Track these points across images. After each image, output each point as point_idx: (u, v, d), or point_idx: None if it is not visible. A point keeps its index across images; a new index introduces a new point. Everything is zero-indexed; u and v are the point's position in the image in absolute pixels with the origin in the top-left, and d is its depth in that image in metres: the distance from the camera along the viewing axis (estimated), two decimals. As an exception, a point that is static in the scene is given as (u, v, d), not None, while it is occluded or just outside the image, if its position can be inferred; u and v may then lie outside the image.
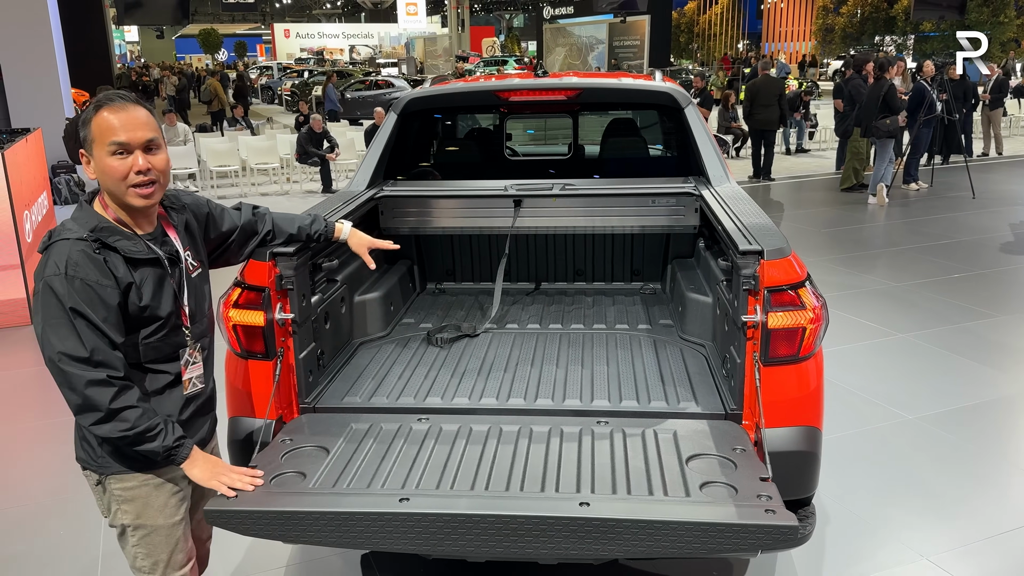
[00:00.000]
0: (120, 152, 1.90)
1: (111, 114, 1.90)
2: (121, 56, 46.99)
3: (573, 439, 2.40)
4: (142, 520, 2.07)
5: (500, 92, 3.68)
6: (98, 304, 1.87)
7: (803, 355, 2.41)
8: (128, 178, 1.92)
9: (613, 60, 31.56)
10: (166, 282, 2.02)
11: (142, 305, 1.96)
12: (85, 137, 1.94)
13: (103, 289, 1.87)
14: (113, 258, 1.92)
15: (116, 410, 1.88)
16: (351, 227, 2.65)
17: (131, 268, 1.94)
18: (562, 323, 3.43)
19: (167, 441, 1.96)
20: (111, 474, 2.04)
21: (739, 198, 3.11)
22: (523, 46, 54.30)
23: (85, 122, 1.93)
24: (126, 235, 1.96)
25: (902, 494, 3.64)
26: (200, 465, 2.06)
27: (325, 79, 21.88)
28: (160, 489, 2.07)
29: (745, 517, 1.93)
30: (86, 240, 1.89)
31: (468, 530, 1.98)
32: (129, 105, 1.93)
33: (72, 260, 1.86)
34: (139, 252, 1.97)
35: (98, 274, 1.87)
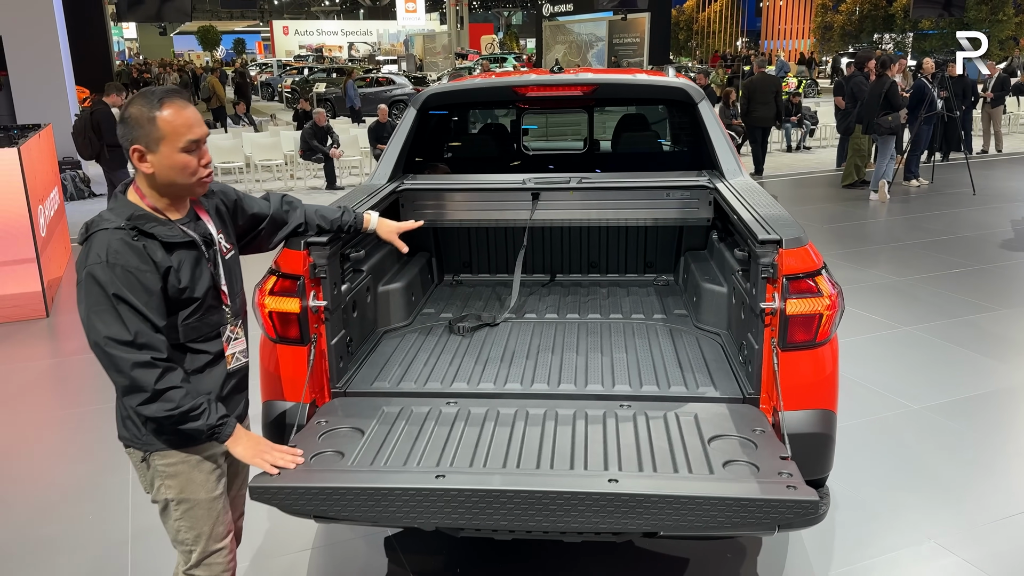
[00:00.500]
0: (193, 149, 2.01)
1: (182, 112, 1.98)
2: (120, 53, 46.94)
3: (597, 421, 2.49)
4: (185, 495, 2.15)
5: (518, 87, 3.76)
6: (139, 289, 1.93)
7: (820, 340, 2.50)
8: (197, 172, 2.04)
9: (613, 58, 31.64)
10: (202, 263, 2.10)
11: (181, 287, 2.03)
12: (148, 133, 1.97)
13: (143, 275, 1.94)
14: (151, 244, 1.99)
15: (161, 391, 1.95)
16: (378, 216, 2.72)
17: (168, 252, 2.01)
18: (579, 313, 3.52)
19: (210, 420, 2.04)
20: (155, 451, 2.12)
21: (754, 191, 3.20)
22: (522, 43, 54.35)
23: (148, 119, 1.96)
24: (161, 221, 2.04)
25: (908, 480, 3.74)
26: (243, 443, 2.14)
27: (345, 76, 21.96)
28: (201, 465, 2.15)
29: (768, 492, 2.02)
30: (124, 229, 1.96)
31: (502, 505, 2.07)
32: (188, 103, 2.02)
33: (112, 248, 1.93)
34: (175, 236, 2.04)
35: (138, 260, 1.94)
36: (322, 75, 28.35)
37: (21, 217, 6.04)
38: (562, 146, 5.56)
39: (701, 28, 50.94)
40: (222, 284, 2.17)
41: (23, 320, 6.17)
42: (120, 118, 2.01)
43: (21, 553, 3.34)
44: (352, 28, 57.24)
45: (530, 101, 4.08)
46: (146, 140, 1.97)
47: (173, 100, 1.98)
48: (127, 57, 50.22)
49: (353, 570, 3.22)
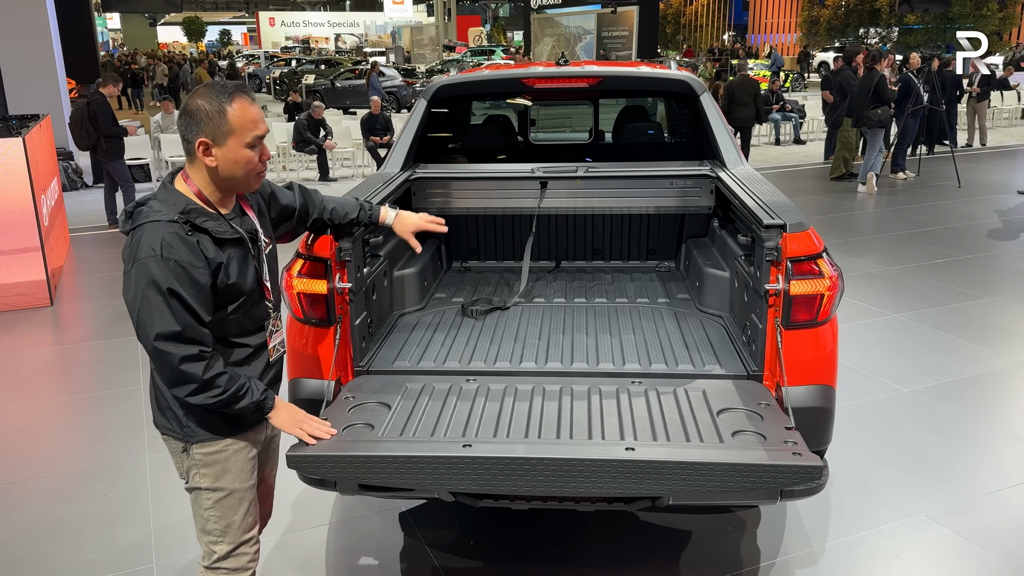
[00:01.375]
0: (257, 144, 2.03)
1: (249, 108, 2.00)
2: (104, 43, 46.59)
3: (611, 396, 2.62)
4: (220, 483, 2.18)
5: (525, 80, 3.88)
6: (190, 284, 1.94)
7: (821, 320, 2.65)
8: (257, 167, 2.06)
9: (601, 51, 31.76)
10: (248, 259, 2.11)
11: (230, 283, 2.05)
12: (218, 127, 1.97)
13: (195, 270, 1.95)
14: (203, 239, 1.99)
15: (209, 380, 1.99)
16: (397, 213, 2.71)
17: (219, 248, 2.02)
18: (586, 297, 3.65)
19: (256, 396, 2.10)
20: (196, 441, 2.15)
21: (755, 179, 3.33)
22: (509, 36, 54.33)
23: (217, 113, 1.96)
24: (212, 216, 2.04)
25: (900, 458, 3.90)
26: (283, 413, 2.21)
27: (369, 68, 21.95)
28: (239, 454, 2.19)
29: (776, 459, 2.16)
30: (177, 222, 1.96)
31: (527, 472, 2.20)
32: (253, 99, 2.03)
33: (166, 242, 1.93)
34: (226, 232, 2.05)
35: (191, 256, 1.95)
36: (310, 67, 28.30)
37: (26, 206, 6.11)
38: (568, 137, 5.69)
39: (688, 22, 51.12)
40: (265, 279, 2.20)
41: (28, 308, 6.24)
42: (184, 110, 2.00)
43: (45, 531, 3.44)
44: (339, 20, 56.98)
45: (537, 93, 4.20)
46: (214, 133, 1.97)
47: (242, 95, 1.99)
48: (111, 48, 49.79)
49: (370, 544, 3.34)
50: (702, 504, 3.19)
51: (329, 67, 27.46)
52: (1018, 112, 18.34)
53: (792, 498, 2.71)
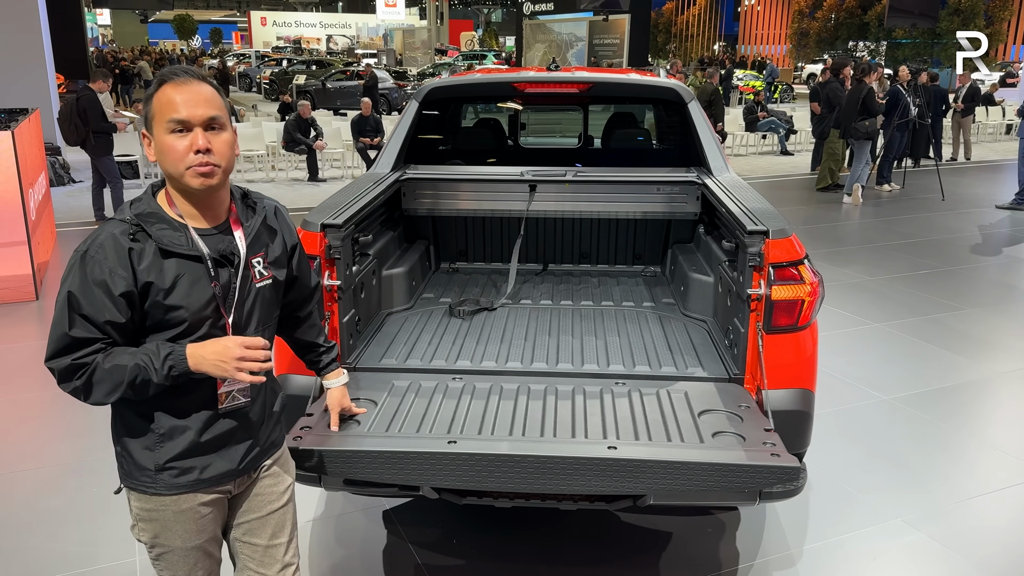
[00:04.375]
0: (179, 130, 1.74)
1: (173, 90, 1.74)
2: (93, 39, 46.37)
3: (595, 396, 2.67)
4: (159, 540, 1.92)
5: (517, 84, 3.93)
6: (98, 293, 1.72)
7: (801, 325, 2.70)
8: (187, 158, 1.75)
9: (593, 58, 31.91)
10: (205, 284, 1.80)
11: (167, 304, 1.76)
12: (147, 115, 1.79)
13: (114, 278, 1.72)
14: (147, 247, 1.76)
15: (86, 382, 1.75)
16: (343, 384, 2.39)
17: (163, 263, 1.76)
18: (572, 300, 3.69)
19: (160, 373, 1.73)
20: (131, 488, 1.91)
21: (740, 186, 3.39)
22: (501, 41, 54.48)
23: (148, 99, 1.78)
24: (173, 225, 1.79)
25: (878, 465, 3.96)
26: (209, 360, 1.76)
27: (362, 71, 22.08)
28: (180, 516, 1.89)
29: (754, 459, 2.21)
30: (127, 223, 1.76)
31: (510, 468, 2.23)
32: (193, 80, 1.77)
33: (99, 241, 1.75)
34: (177, 246, 1.77)
35: (115, 261, 1.72)
36: (301, 67, 28.28)
37: (14, 200, 6.09)
38: (558, 142, 5.74)
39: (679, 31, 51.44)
40: (228, 313, 1.84)
41: (13, 302, 6.22)
42: None
43: (30, 524, 3.44)
44: (331, 21, 56.99)
45: (528, 97, 4.24)
46: (148, 122, 1.79)
47: (177, 77, 1.77)
48: (101, 44, 49.55)
49: (353, 541, 3.36)
50: (682, 505, 3.24)
51: (320, 68, 27.44)
52: (1002, 127, 18.57)
53: (771, 499, 2.75)
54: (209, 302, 1.80)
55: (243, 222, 1.91)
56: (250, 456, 1.96)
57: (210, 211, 1.85)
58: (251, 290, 1.89)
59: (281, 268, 1.99)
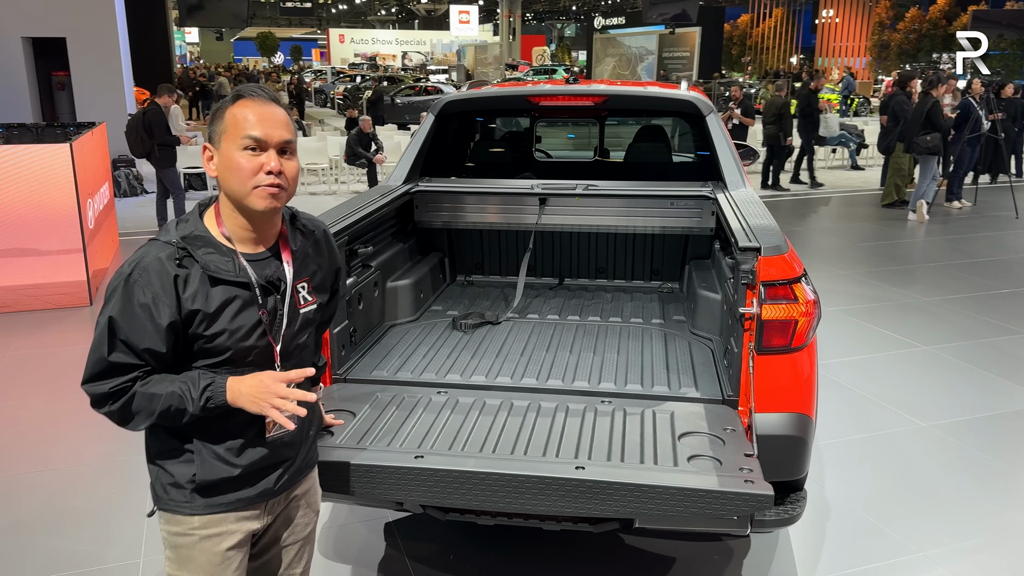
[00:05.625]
0: (253, 148, 1.71)
1: (250, 106, 1.72)
2: (181, 57, 48.43)
3: (577, 415, 2.61)
4: (182, 572, 1.86)
5: (531, 97, 3.91)
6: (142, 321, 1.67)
7: (795, 346, 2.58)
8: (256, 177, 1.70)
9: (662, 71, 31.66)
10: (253, 311, 1.75)
11: (211, 332, 1.71)
12: (216, 130, 1.74)
13: (158, 305, 1.66)
14: (193, 272, 1.70)
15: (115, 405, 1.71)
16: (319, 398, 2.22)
17: (210, 289, 1.71)
18: (580, 315, 3.63)
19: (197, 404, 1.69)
20: (163, 510, 1.85)
21: (751, 202, 3.28)
22: (573, 55, 54.60)
23: (219, 114, 1.74)
24: (221, 249, 1.73)
25: (906, 494, 3.76)
26: (246, 396, 1.71)
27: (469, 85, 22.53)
28: (208, 542, 1.83)
29: (724, 485, 2.12)
30: (173, 245, 1.70)
31: (475, 485, 2.20)
32: (270, 101, 1.75)
33: (143, 264, 1.68)
34: (225, 272, 1.72)
35: (159, 287, 1.67)
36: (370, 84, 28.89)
37: (70, 210, 6.38)
38: (575, 155, 5.69)
39: (755, 44, 50.56)
40: (276, 340, 1.80)
41: (68, 307, 6.50)
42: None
43: (48, 521, 3.57)
44: (407, 38, 58.14)
45: (543, 110, 4.22)
46: (216, 137, 1.74)
47: (255, 95, 1.74)
48: (188, 61, 51.71)
49: (351, 552, 3.37)
50: (671, 530, 3.13)
51: (391, 84, 27.99)
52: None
53: (764, 528, 2.64)
54: (255, 328, 1.76)
55: (292, 246, 1.86)
56: (286, 476, 1.92)
57: (262, 233, 1.80)
58: (296, 316, 1.85)
59: (324, 293, 1.97)
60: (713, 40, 33.60)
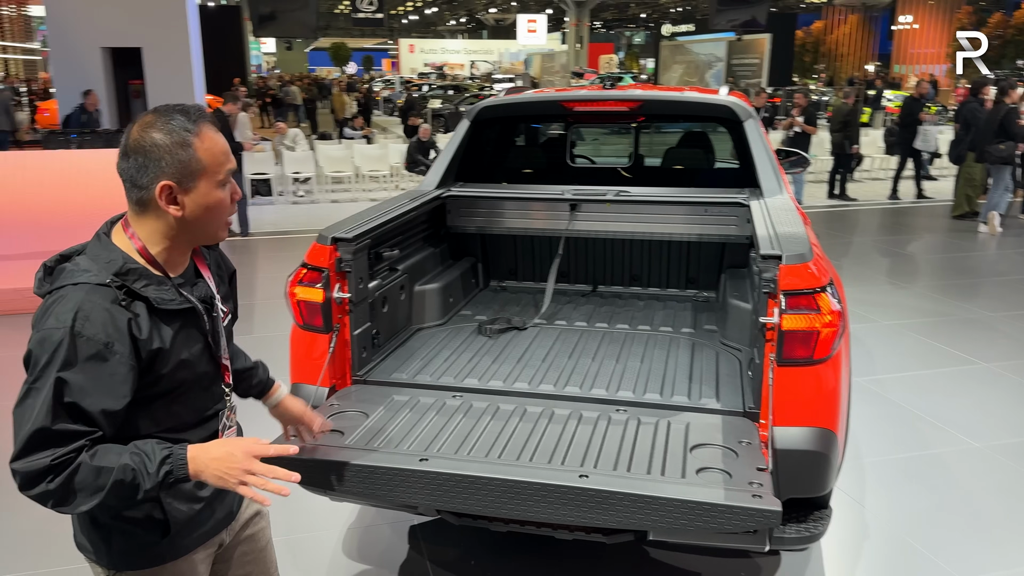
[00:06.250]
0: (228, 181, 1.61)
1: (215, 137, 1.57)
2: (257, 67, 49.90)
3: (590, 423, 2.57)
4: None
5: (565, 102, 3.89)
6: (99, 375, 1.46)
7: (818, 358, 2.49)
8: (230, 209, 1.63)
9: (730, 78, 31.19)
10: (196, 335, 1.65)
11: (169, 370, 1.58)
12: (185, 166, 1.53)
13: (112, 355, 1.47)
14: (140, 311, 1.53)
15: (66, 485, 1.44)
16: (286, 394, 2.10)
17: (160, 323, 1.56)
18: (608, 323, 3.59)
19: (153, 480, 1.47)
20: (123, 570, 1.67)
21: (784, 209, 3.19)
22: (642, 63, 54.22)
23: (182, 145, 1.52)
24: (155, 279, 1.57)
25: (951, 518, 3.59)
26: (212, 471, 1.52)
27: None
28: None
29: (729, 499, 2.05)
30: (109, 286, 1.49)
31: (477, 490, 2.19)
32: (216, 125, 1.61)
33: (84, 312, 1.46)
34: (172, 302, 1.58)
35: (112, 334, 1.47)
36: (439, 92, 29.25)
37: (130, 212, 6.61)
38: (608, 160, 5.63)
39: (828, 50, 49.32)
40: (223, 358, 1.73)
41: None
42: (130, 147, 1.53)
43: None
44: (475, 47, 58.69)
45: (578, 116, 4.19)
46: (179, 174, 1.53)
47: (205, 122, 1.57)
48: (263, 70, 53.23)
49: (374, 553, 3.39)
50: (693, 544, 3.05)
51: (457, 92, 28.29)
52: None
53: (784, 545, 2.56)
54: (203, 353, 1.67)
55: (207, 260, 1.77)
56: (237, 495, 1.75)
57: (185, 258, 1.67)
58: (223, 331, 1.76)
59: (229, 301, 1.84)
60: (784, 47, 32.89)
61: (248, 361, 2.01)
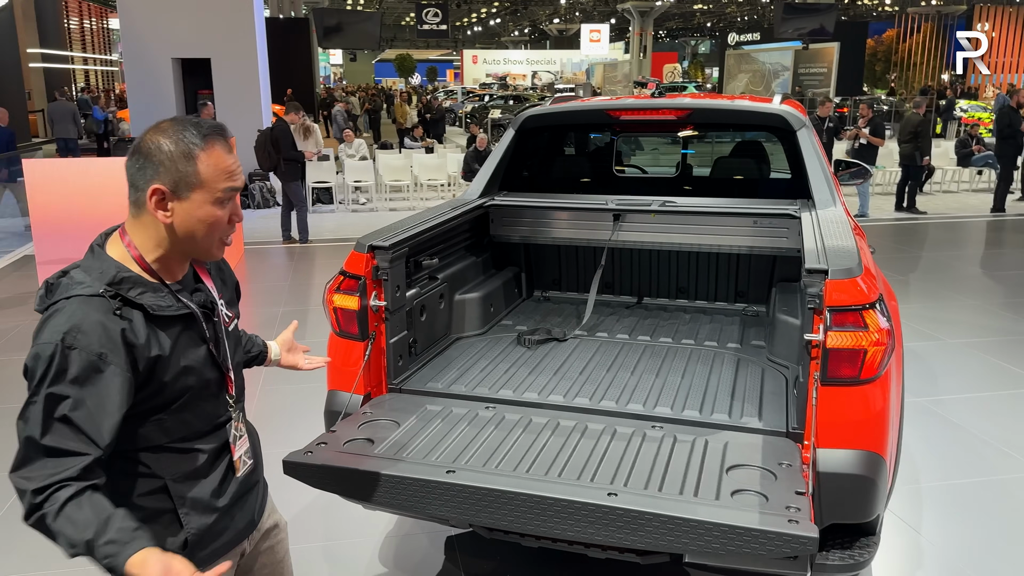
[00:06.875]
0: (229, 199, 1.59)
1: (223, 154, 1.56)
2: (325, 78, 51.00)
3: (623, 439, 2.50)
4: None
5: (612, 111, 3.83)
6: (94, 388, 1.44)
7: (865, 377, 2.38)
8: (225, 228, 1.60)
9: (797, 88, 30.56)
10: (197, 342, 1.63)
11: (170, 379, 1.56)
12: (182, 175, 1.52)
13: (107, 367, 1.45)
14: (136, 319, 1.51)
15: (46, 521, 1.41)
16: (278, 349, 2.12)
17: (158, 331, 1.54)
18: (651, 336, 3.51)
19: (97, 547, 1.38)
20: None
21: (835, 222, 3.07)
22: (707, 72, 53.58)
23: (185, 158, 1.52)
24: (151, 286, 1.56)
25: (1012, 550, 3.40)
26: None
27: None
28: None
29: (764, 523, 1.96)
30: (102, 296, 1.48)
31: (503, 505, 2.15)
32: (228, 142, 1.60)
33: (75, 325, 1.44)
34: (169, 308, 1.56)
35: (106, 347, 1.45)
36: (500, 102, 29.41)
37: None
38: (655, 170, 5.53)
39: (901, 59, 47.88)
40: (227, 365, 1.70)
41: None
42: (137, 149, 1.55)
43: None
44: (537, 57, 58.82)
45: (625, 125, 4.12)
46: (174, 182, 1.52)
47: (218, 138, 1.57)
48: (331, 81, 54.36)
49: (410, 563, 3.37)
50: (729, 568, 2.94)
51: (517, 102, 28.39)
52: None
53: (826, 573, 2.44)
54: (206, 360, 1.64)
55: (207, 268, 1.75)
56: (257, 503, 1.85)
57: (184, 266, 1.65)
58: (228, 337, 1.74)
59: (234, 307, 1.82)
60: (854, 56, 32.06)
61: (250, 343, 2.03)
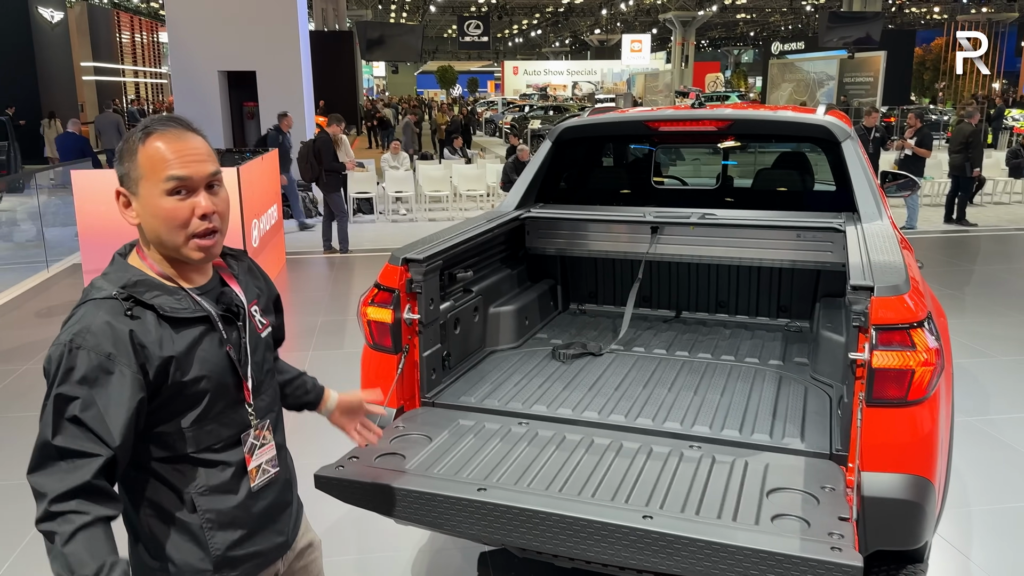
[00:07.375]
0: (179, 191, 1.51)
1: (164, 141, 1.51)
2: (368, 90, 51.62)
3: (659, 459, 2.44)
4: None
5: (650, 122, 3.77)
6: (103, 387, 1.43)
7: (913, 399, 2.28)
8: (190, 225, 1.53)
9: (842, 97, 30.06)
10: (216, 347, 1.58)
11: (186, 380, 1.53)
12: (127, 172, 1.52)
13: (115, 366, 1.44)
14: (147, 320, 1.50)
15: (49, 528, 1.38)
16: (338, 397, 2.03)
17: (172, 332, 1.52)
18: (689, 352, 3.43)
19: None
20: None
21: (882, 236, 2.97)
22: (750, 82, 53.05)
23: (129, 153, 1.52)
24: (168, 289, 1.54)
25: (1073, 578, 3.25)
26: None
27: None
28: None
29: (805, 551, 1.89)
30: (116, 298, 1.48)
31: (535, 525, 2.10)
32: (186, 132, 1.55)
33: (84, 327, 1.45)
34: (183, 310, 1.54)
35: (113, 348, 1.44)
36: (539, 112, 29.43)
37: (235, 229, 6.87)
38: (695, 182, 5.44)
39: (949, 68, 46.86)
40: (246, 375, 1.64)
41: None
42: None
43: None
44: (578, 68, 58.81)
45: (663, 136, 4.06)
46: (128, 180, 1.53)
47: (168, 128, 1.53)
48: (374, 93, 54.98)
49: (442, 578, 3.34)
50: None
51: (557, 113, 28.39)
52: None
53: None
54: (225, 366, 1.59)
55: (233, 272, 1.71)
56: (291, 521, 1.79)
57: (199, 272, 1.63)
58: (258, 343, 1.69)
59: (270, 315, 1.79)
60: (901, 65, 31.45)
61: (293, 371, 1.97)
